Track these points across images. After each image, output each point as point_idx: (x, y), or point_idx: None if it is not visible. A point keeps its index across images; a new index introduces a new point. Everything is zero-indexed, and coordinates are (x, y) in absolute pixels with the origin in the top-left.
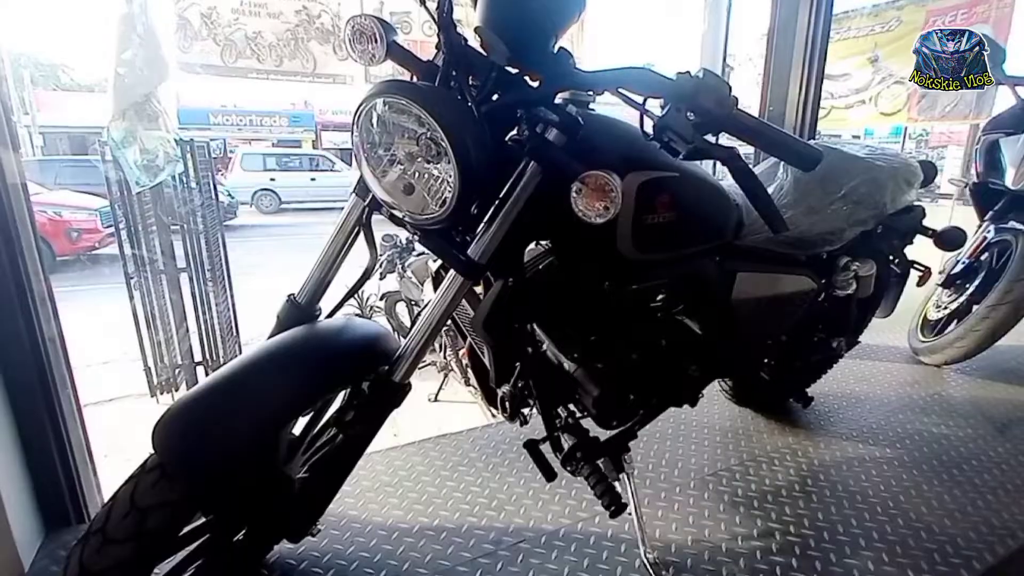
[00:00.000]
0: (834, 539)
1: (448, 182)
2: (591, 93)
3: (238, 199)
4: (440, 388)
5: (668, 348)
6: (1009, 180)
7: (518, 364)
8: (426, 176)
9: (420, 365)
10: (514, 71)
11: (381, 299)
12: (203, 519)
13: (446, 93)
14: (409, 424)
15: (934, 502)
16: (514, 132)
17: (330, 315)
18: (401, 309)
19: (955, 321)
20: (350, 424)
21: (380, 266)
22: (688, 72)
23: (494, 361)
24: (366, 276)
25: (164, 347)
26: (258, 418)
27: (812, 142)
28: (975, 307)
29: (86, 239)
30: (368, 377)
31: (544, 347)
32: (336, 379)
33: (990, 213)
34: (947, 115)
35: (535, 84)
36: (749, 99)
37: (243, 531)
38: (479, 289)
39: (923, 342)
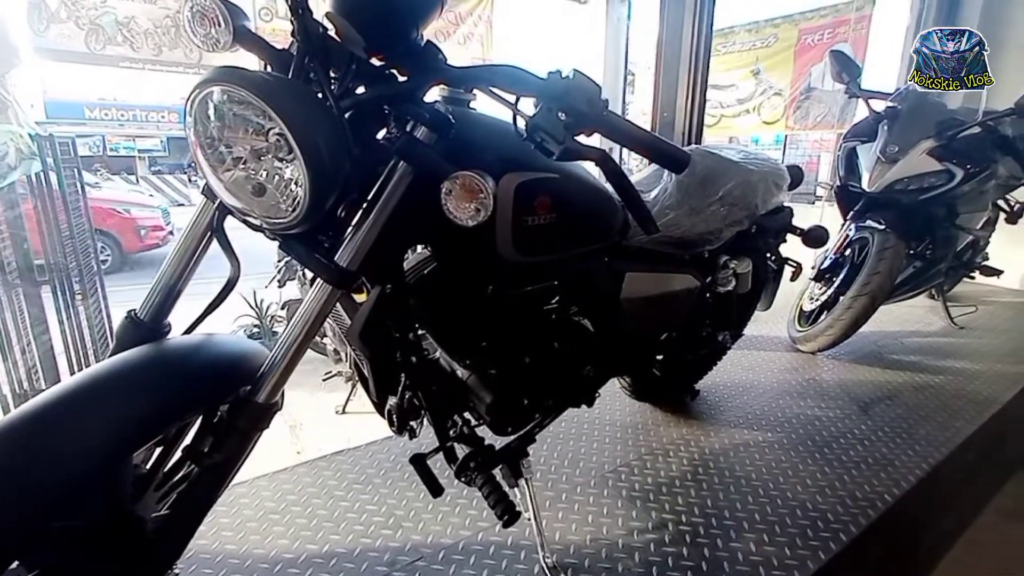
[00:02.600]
0: (721, 524)
1: (299, 183)
2: (463, 91)
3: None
4: (348, 399)
5: (561, 350)
6: (865, 183)
7: (404, 375)
8: (277, 176)
9: (326, 376)
10: (379, 64)
11: (282, 308)
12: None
13: (293, 85)
14: (315, 439)
15: (808, 481)
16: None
17: (187, 331)
18: None
19: (826, 311)
20: (207, 454)
21: (279, 272)
22: (559, 72)
23: (373, 373)
24: (228, 288)
25: (22, 370)
26: (79, 453)
27: (694, 147)
28: (841, 298)
29: (152, 236)
30: (228, 400)
31: (437, 354)
32: (187, 403)
33: (851, 213)
34: (818, 124)
35: (403, 79)
36: (649, 106)
37: None
38: (361, 297)
39: (799, 331)
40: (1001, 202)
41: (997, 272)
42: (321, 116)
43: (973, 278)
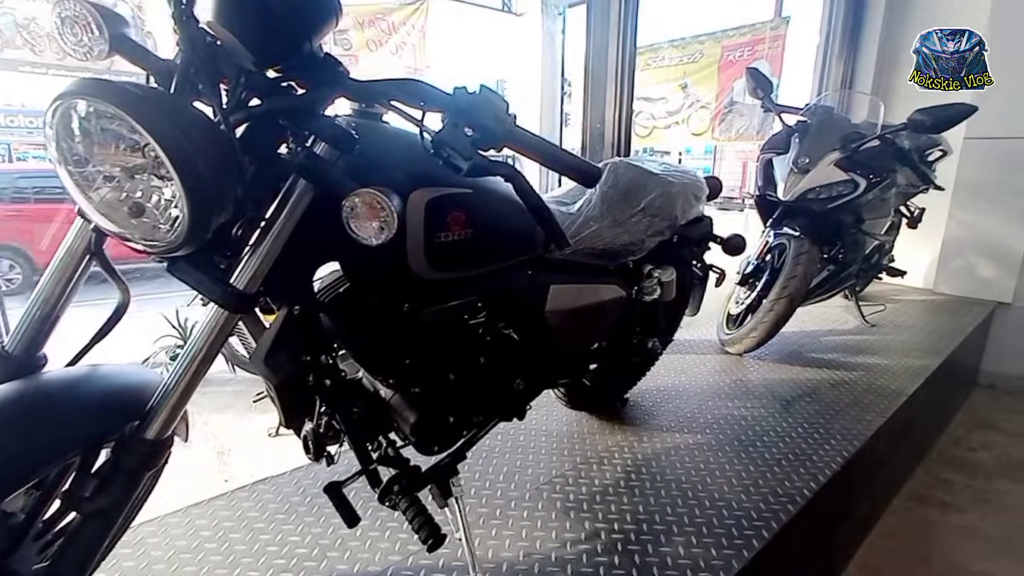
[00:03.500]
0: (652, 529)
1: (177, 204)
2: (364, 105)
3: None
4: (280, 422)
5: (488, 365)
6: (781, 192)
7: (319, 398)
8: (156, 195)
9: (257, 397)
10: (275, 75)
11: None
12: None
13: (167, 97)
14: (245, 465)
15: (734, 480)
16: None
17: (71, 363)
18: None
19: (750, 314)
20: (90, 499)
21: None
22: (465, 87)
23: (281, 399)
24: (117, 316)
25: None
26: None
27: (617, 159)
28: (763, 301)
29: None
30: (112, 437)
31: (359, 375)
32: (64, 443)
33: (770, 220)
34: (740, 136)
35: (302, 92)
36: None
37: None
38: (271, 318)
39: (727, 334)
40: (903, 208)
41: (901, 273)
42: (202, 131)
43: (881, 279)
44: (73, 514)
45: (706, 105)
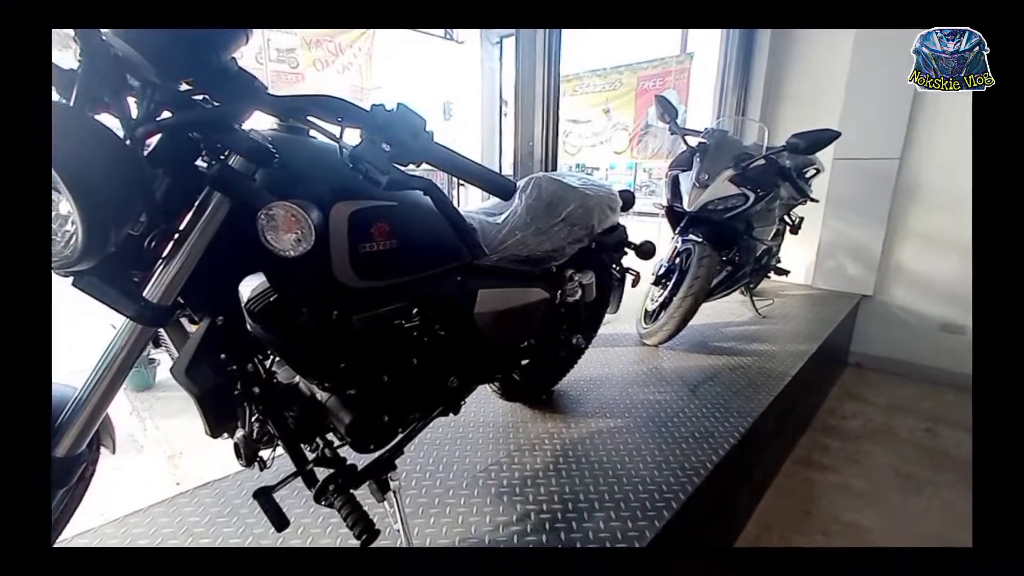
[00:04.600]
0: (576, 508)
1: (72, 218)
2: (287, 121)
3: None
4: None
5: (422, 365)
6: (686, 204)
7: (250, 404)
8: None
9: None
10: (186, 88)
11: None
12: None
13: (59, 109)
14: (196, 468)
15: (648, 458)
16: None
17: None
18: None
19: (663, 310)
20: None
21: None
22: (383, 105)
23: (204, 410)
24: None
25: None
26: None
27: (541, 174)
28: (674, 299)
29: None
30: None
31: (296, 379)
32: None
33: (678, 228)
34: (655, 155)
35: (216, 105)
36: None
37: None
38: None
39: (644, 328)
40: (786, 217)
41: (786, 272)
42: (99, 144)
43: (770, 277)
44: None
45: (625, 128)
